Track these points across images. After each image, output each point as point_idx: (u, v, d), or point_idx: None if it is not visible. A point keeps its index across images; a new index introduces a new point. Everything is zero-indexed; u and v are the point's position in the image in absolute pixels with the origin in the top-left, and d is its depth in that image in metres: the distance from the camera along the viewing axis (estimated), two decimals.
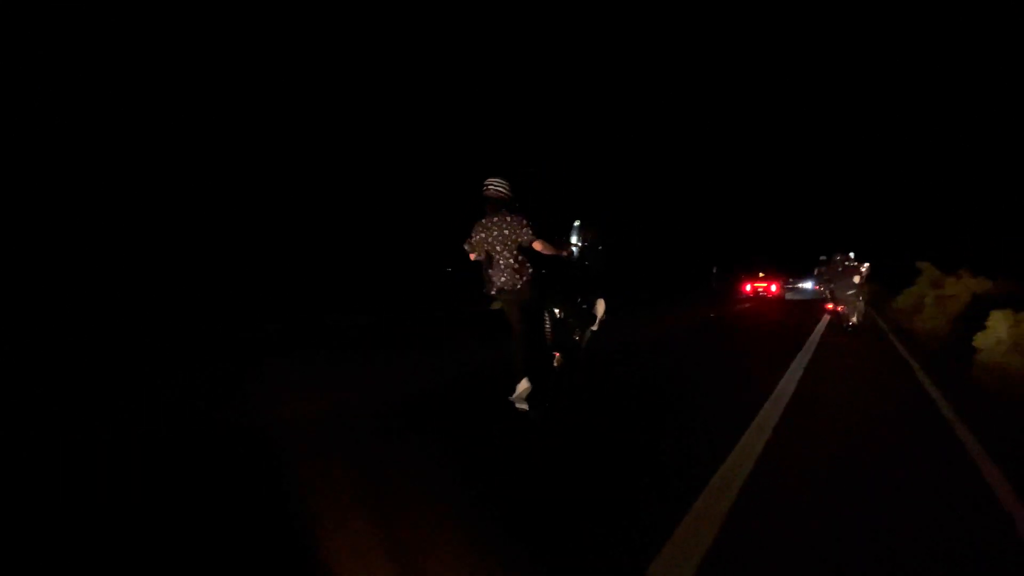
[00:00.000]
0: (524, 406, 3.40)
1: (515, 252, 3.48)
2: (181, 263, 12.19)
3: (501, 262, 3.51)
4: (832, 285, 9.09)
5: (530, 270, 3.52)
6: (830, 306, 9.25)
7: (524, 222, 3.47)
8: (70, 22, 11.57)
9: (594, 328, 4.16)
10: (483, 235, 3.56)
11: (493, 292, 3.58)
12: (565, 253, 3.90)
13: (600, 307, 4.18)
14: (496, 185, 3.53)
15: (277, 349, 7.31)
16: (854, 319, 8.79)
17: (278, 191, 15.02)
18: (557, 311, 4.02)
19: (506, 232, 3.47)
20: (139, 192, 12.25)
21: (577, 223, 4.28)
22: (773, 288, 24.45)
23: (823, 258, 11.17)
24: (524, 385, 3.40)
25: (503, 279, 3.50)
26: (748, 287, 24.91)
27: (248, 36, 15.03)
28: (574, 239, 4.31)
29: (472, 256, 3.69)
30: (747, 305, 18.56)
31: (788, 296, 23.83)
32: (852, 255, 9.14)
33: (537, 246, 3.48)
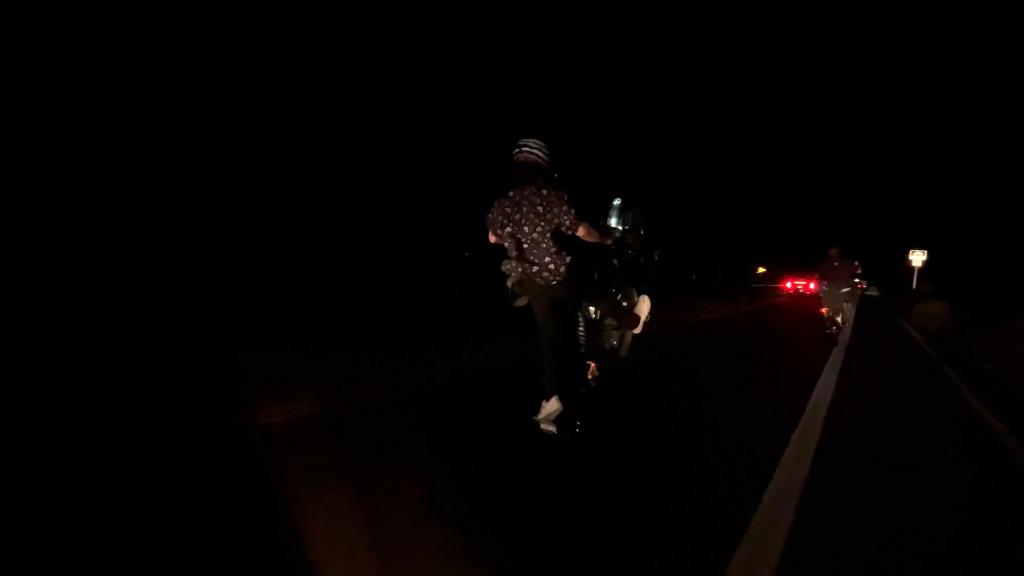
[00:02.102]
0: (552, 428, 2.73)
1: (548, 235, 2.70)
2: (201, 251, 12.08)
3: (531, 246, 2.72)
4: (825, 285, 8.15)
5: (568, 258, 2.74)
6: (825, 310, 8.26)
7: (565, 198, 2.69)
8: (70, 22, 11.41)
9: (636, 331, 3.44)
10: (508, 211, 2.78)
11: (517, 284, 2.80)
12: (609, 240, 3.18)
13: (644, 306, 3.44)
14: (533, 147, 2.78)
15: (280, 336, 6.88)
16: (839, 319, 8.00)
17: (295, 182, 14.75)
18: (593, 310, 3.31)
19: (540, 209, 2.68)
20: (180, 181, 12.24)
21: (617, 202, 3.47)
22: (812, 286, 27.10)
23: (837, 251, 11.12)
24: (554, 406, 2.73)
25: (534, 268, 2.73)
26: (789, 284, 28.45)
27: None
28: (613, 222, 3.53)
29: (492, 237, 2.91)
30: (783, 299, 18.86)
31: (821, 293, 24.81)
32: (838, 251, 8.36)
33: (581, 232, 2.75)
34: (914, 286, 23.42)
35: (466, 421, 3.36)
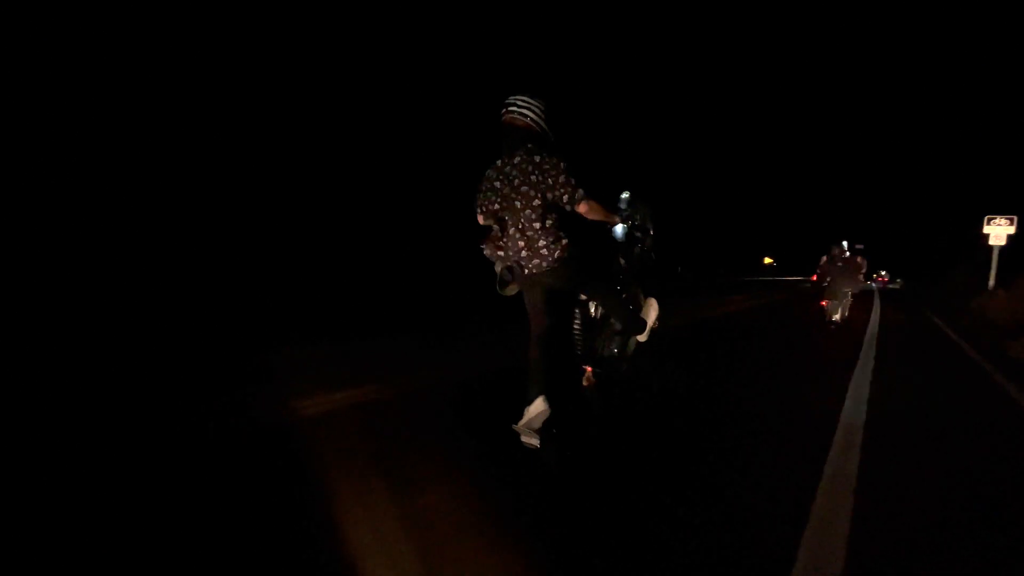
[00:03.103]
0: (534, 441, 2.28)
1: (542, 211, 2.29)
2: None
3: (525, 226, 2.31)
4: (827, 281, 8.23)
5: (564, 240, 2.33)
6: (825, 302, 8.34)
7: (562, 167, 2.26)
8: (70, 21, 11.28)
9: (641, 338, 3.07)
10: (497, 185, 2.36)
11: (506, 269, 2.40)
12: (617, 220, 2.77)
13: (652, 310, 3.08)
14: (523, 106, 2.33)
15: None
16: (837, 316, 8.07)
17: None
18: (592, 307, 2.93)
19: (533, 179, 2.26)
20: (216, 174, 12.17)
21: (626, 195, 3.06)
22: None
23: (859, 246, 10.52)
24: (539, 407, 2.29)
25: (524, 254, 2.33)
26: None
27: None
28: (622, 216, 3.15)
29: (481, 218, 2.50)
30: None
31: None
32: (845, 244, 8.38)
33: (583, 208, 2.30)
34: (991, 282, 13.28)
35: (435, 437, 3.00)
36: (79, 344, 5.31)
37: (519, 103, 2.34)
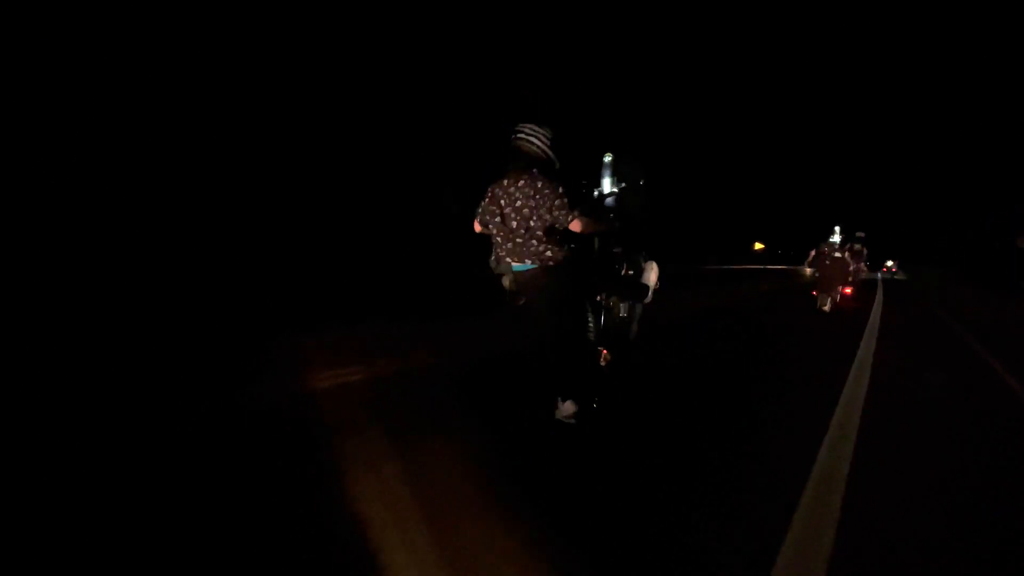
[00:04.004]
0: (572, 420, 2.55)
1: (536, 229, 2.47)
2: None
3: (518, 239, 2.49)
4: (817, 275, 8.71)
5: (560, 253, 2.49)
6: (816, 292, 8.67)
7: (560, 192, 2.45)
8: (66, 20, 11.24)
9: (646, 301, 3.20)
10: (502, 203, 2.52)
11: (507, 283, 2.64)
12: (608, 226, 2.86)
13: (652, 274, 3.19)
14: (530, 134, 2.51)
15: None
16: (827, 307, 8.39)
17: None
18: (599, 297, 3.04)
19: (532, 203, 2.44)
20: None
21: (608, 158, 3.09)
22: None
23: (860, 235, 11.19)
24: (569, 409, 2.54)
25: (524, 266, 2.52)
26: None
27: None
28: (606, 183, 3.20)
29: (478, 227, 2.69)
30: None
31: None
32: (838, 230, 9.00)
33: (575, 226, 2.48)
34: None
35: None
36: (80, 333, 5.14)
37: (527, 131, 2.51)
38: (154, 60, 12.20)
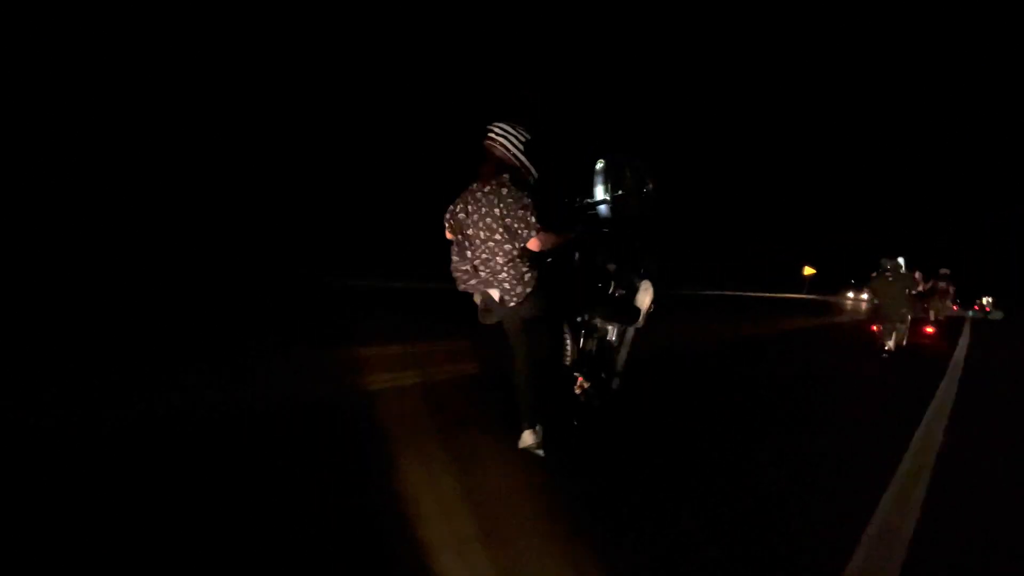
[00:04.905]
0: (540, 451, 2.32)
1: (504, 244, 2.22)
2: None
3: (483, 257, 2.27)
4: (876, 300, 7.33)
5: (528, 275, 2.25)
6: (876, 327, 7.34)
7: (525, 203, 2.18)
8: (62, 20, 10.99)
9: (638, 325, 2.83)
10: (470, 209, 2.27)
11: (478, 299, 2.41)
12: (571, 236, 2.52)
13: (646, 296, 2.83)
14: (503, 135, 2.25)
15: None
16: (890, 344, 7.02)
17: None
18: (580, 317, 2.73)
19: (497, 212, 2.18)
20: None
21: (600, 164, 2.73)
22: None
23: (944, 271, 9.86)
24: (529, 440, 2.30)
25: (493, 289, 2.28)
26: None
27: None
28: (599, 191, 2.75)
29: (449, 234, 2.41)
30: None
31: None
32: (901, 260, 7.32)
33: (534, 245, 2.22)
34: None
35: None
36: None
37: (497, 131, 2.26)
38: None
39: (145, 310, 6.44)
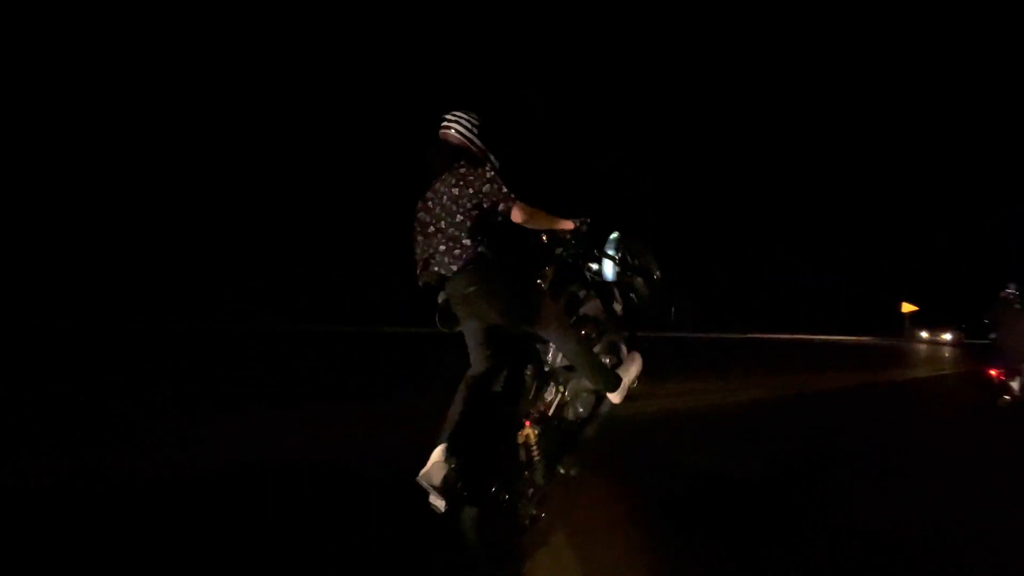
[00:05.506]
0: (439, 503, 1.79)
1: (469, 226, 2.04)
2: None
3: (448, 240, 2.07)
4: (996, 334, 5.98)
5: (473, 247, 2.02)
6: (996, 371, 5.96)
7: (488, 176, 2.07)
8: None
9: (616, 400, 2.37)
10: (430, 204, 2.16)
11: (441, 298, 2.14)
12: (572, 225, 2.25)
13: (633, 367, 2.38)
14: (455, 120, 2.18)
15: None
16: (1016, 385, 5.74)
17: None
18: (552, 353, 2.32)
19: (456, 192, 2.07)
20: None
21: (615, 235, 2.47)
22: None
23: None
24: (436, 457, 1.84)
25: (437, 259, 2.09)
26: None
27: None
28: (607, 267, 2.46)
29: (418, 249, 2.21)
30: None
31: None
32: (1013, 288, 6.05)
33: (517, 216, 2.05)
34: None
35: None
36: None
37: (450, 118, 2.20)
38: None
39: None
